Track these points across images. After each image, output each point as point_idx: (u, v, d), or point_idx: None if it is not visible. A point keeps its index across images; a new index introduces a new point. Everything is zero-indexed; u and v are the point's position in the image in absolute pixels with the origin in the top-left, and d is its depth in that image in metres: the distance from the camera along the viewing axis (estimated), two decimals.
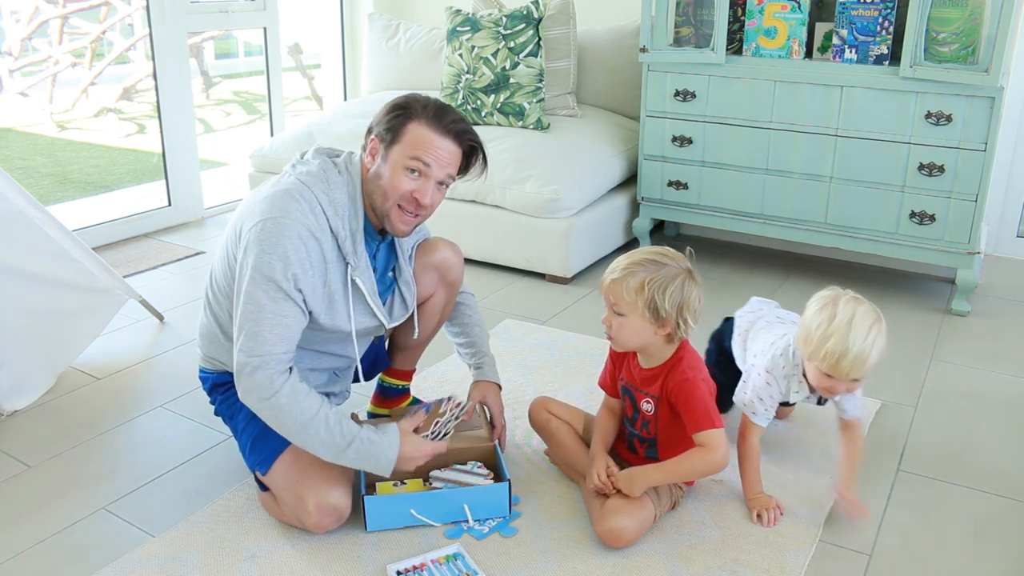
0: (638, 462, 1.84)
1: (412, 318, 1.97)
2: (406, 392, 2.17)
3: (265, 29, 4.02)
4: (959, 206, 2.80)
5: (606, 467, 1.78)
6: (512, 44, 3.39)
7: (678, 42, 3.24)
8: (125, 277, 2.98)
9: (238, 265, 1.68)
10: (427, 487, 1.84)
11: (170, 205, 3.77)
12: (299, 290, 1.64)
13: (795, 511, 1.86)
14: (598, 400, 1.96)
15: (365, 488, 1.81)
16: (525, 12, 3.40)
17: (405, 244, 1.91)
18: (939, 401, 2.35)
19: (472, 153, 1.78)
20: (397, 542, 1.74)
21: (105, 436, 2.15)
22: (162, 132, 3.67)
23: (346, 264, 1.73)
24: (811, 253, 3.51)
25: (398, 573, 1.65)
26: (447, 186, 1.77)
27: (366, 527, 1.76)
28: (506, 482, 1.80)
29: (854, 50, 2.87)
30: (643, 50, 3.16)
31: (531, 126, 3.39)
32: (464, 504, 1.79)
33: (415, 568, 1.66)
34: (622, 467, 1.82)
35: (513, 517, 1.82)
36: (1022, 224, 3.44)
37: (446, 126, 1.71)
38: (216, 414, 1.94)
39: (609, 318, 1.72)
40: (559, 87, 3.53)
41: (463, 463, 1.90)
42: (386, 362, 2.11)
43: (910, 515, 1.87)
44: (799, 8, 2.94)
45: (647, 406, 1.78)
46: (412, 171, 1.70)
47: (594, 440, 1.86)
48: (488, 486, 1.81)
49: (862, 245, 3.02)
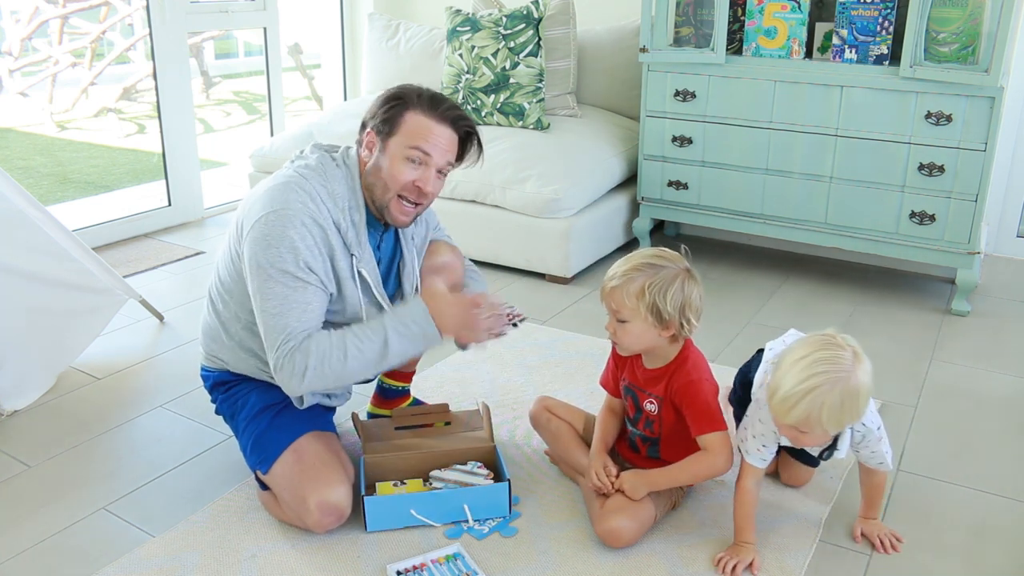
0: (640, 461, 1.84)
1: None
2: (406, 393, 2.17)
3: (265, 29, 4.02)
4: (959, 206, 2.80)
5: (606, 466, 1.78)
6: (512, 44, 3.39)
7: (678, 42, 3.24)
8: (125, 277, 2.98)
9: (244, 263, 1.69)
10: (427, 487, 1.84)
11: (170, 205, 3.77)
12: (314, 272, 1.66)
13: (795, 511, 1.86)
14: (598, 400, 1.96)
15: (365, 488, 1.81)
16: (525, 12, 3.40)
17: (416, 235, 1.92)
18: (939, 401, 2.35)
19: (468, 139, 1.80)
20: (397, 542, 1.74)
21: (105, 436, 2.15)
22: (162, 132, 3.67)
23: (351, 256, 1.73)
24: (811, 253, 3.51)
25: (398, 573, 1.65)
26: (445, 175, 1.79)
27: (366, 527, 1.76)
28: (506, 482, 1.80)
29: (854, 50, 2.87)
30: (643, 50, 3.16)
31: (531, 126, 3.39)
32: (464, 504, 1.79)
33: (415, 568, 1.66)
34: (624, 467, 1.82)
35: (513, 517, 1.82)
36: (1022, 224, 3.44)
37: (442, 113, 1.73)
38: (217, 413, 1.95)
39: (612, 324, 1.73)
40: (559, 87, 3.53)
41: (463, 463, 1.90)
42: None
43: (910, 515, 1.87)
44: (799, 8, 2.94)
45: (651, 406, 1.78)
46: (412, 160, 1.71)
47: (595, 440, 1.86)
48: (488, 486, 1.81)
49: (862, 245, 3.01)
